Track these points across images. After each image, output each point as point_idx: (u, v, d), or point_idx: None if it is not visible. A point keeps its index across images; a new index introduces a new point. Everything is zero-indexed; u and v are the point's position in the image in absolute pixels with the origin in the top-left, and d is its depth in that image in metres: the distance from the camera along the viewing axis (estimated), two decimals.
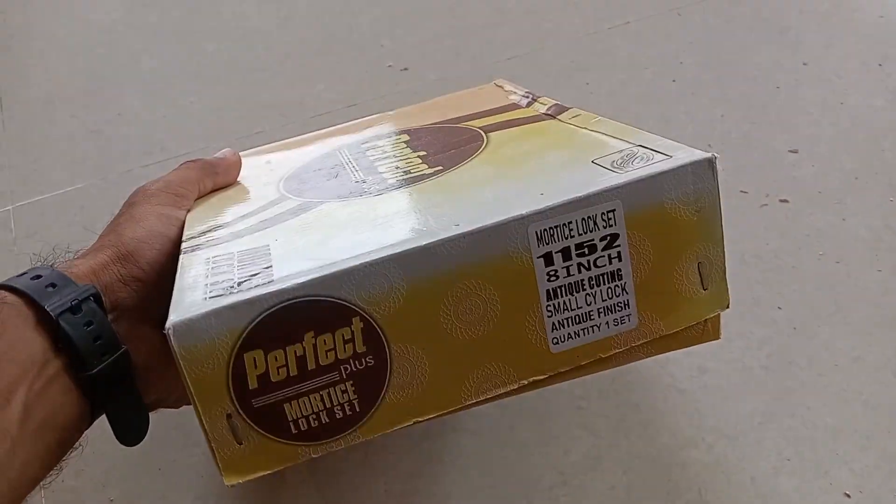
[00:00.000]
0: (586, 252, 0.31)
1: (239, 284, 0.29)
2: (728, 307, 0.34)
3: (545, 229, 0.30)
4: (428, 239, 0.29)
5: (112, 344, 0.33)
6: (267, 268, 0.30)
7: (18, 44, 0.78)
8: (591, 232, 0.31)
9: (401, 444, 0.48)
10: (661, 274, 0.32)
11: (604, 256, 0.31)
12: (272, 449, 0.30)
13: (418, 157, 0.41)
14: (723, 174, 0.57)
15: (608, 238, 0.31)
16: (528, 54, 0.70)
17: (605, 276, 0.31)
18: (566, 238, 0.30)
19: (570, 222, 0.30)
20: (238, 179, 0.46)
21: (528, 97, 0.48)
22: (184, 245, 0.36)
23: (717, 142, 0.61)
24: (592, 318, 0.32)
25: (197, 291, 0.30)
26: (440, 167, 0.38)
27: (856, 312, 0.51)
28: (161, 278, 0.36)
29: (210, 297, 0.29)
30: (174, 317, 0.28)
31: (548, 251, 0.30)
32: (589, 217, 0.30)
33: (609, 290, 0.32)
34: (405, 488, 0.46)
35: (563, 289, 0.31)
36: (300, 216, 0.37)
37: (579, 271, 0.31)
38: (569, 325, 0.32)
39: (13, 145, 0.70)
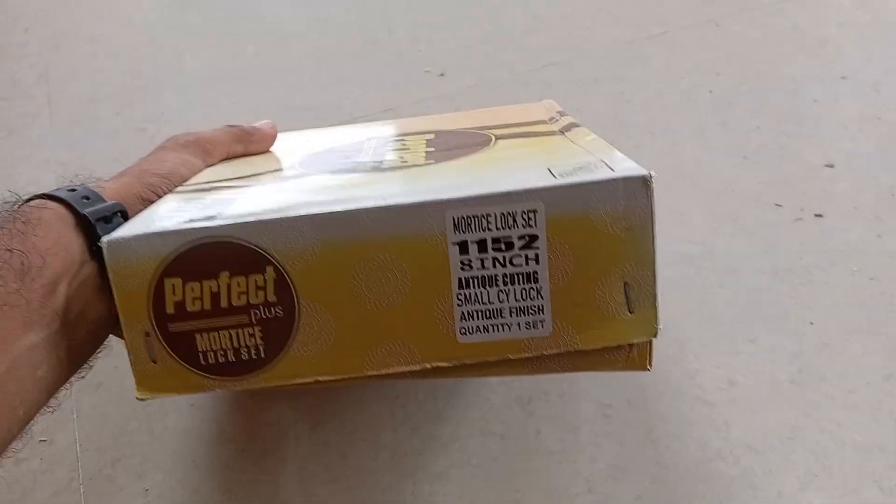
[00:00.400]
0: (503, 248, 0.31)
1: (187, 221, 0.31)
2: (656, 336, 0.32)
3: (463, 217, 0.30)
4: (348, 206, 0.30)
5: None
6: (221, 212, 0.32)
7: (66, 43, 0.80)
8: (509, 228, 0.30)
9: (429, 446, 0.49)
10: (582, 286, 0.31)
11: (521, 256, 0.31)
12: (181, 374, 0.32)
13: (426, 151, 0.42)
14: (757, 187, 0.58)
15: (527, 238, 0.31)
16: (564, 62, 0.70)
17: (521, 277, 0.31)
18: (483, 230, 0.30)
19: (490, 215, 0.30)
20: (273, 150, 0.49)
21: (557, 115, 0.49)
22: (179, 188, 0.39)
23: (752, 154, 0.61)
24: (503, 315, 0.32)
25: (149, 219, 0.32)
26: (433, 161, 0.39)
27: (888, 330, 0.50)
28: None
29: (154, 225, 0.31)
30: (113, 234, 0.31)
31: (463, 239, 0.31)
32: (508, 213, 0.30)
33: (523, 291, 0.31)
34: (433, 489, 0.47)
35: (475, 280, 0.31)
36: (287, 181, 0.39)
37: (494, 266, 0.31)
38: (478, 318, 0.32)
39: (59, 141, 0.72)
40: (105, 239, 0.31)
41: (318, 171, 0.41)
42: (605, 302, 0.32)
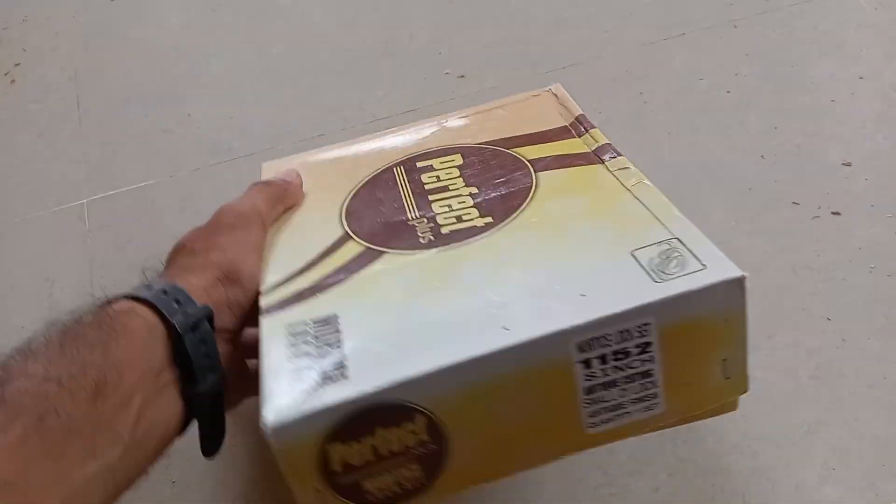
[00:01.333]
0: (622, 357, 0.34)
1: (322, 381, 0.33)
2: (747, 391, 0.37)
3: (586, 340, 0.33)
4: (481, 349, 0.33)
5: (216, 363, 0.36)
6: (338, 347, 0.34)
7: (96, 44, 0.82)
8: (626, 341, 0.34)
9: None
10: (688, 369, 0.36)
11: (637, 360, 0.34)
12: None
13: (470, 195, 0.44)
14: (775, 185, 0.59)
15: (642, 346, 0.34)
16: (584, 63, 0.71)
17: (638, 375, 0.35)
18: (604, 347, 0.34)
19: (609, 334, 0.33)
20: (306, 191, 0.48)
21: (580, 124, 0.48)
22: (262, 301, 0.39)
23: (771, 153, 0.61)
24: (625, 407, 0.35)
25: (283, 382, 0.33)
26: (490, 219, 0.41)
27: None
28: (252, 306, 0.39)
29: (298, 393, 0.32)
30: (270, 416, 0.32)
31: (587, 357, 0.34)
32: (625, 329, 0.33)
33: (641, 386, 0.35)
34: None
35: (599, 386, 0.34)
36: (363, 271, 0.40)
37: (615, 372, 0.34)
38: (603, 413, 0.35)
39: (89, 141, 0.74)
40: (267, 424, 0.31)
41: (379, 244, 0.41)
42: (706, 376, 0.36)
